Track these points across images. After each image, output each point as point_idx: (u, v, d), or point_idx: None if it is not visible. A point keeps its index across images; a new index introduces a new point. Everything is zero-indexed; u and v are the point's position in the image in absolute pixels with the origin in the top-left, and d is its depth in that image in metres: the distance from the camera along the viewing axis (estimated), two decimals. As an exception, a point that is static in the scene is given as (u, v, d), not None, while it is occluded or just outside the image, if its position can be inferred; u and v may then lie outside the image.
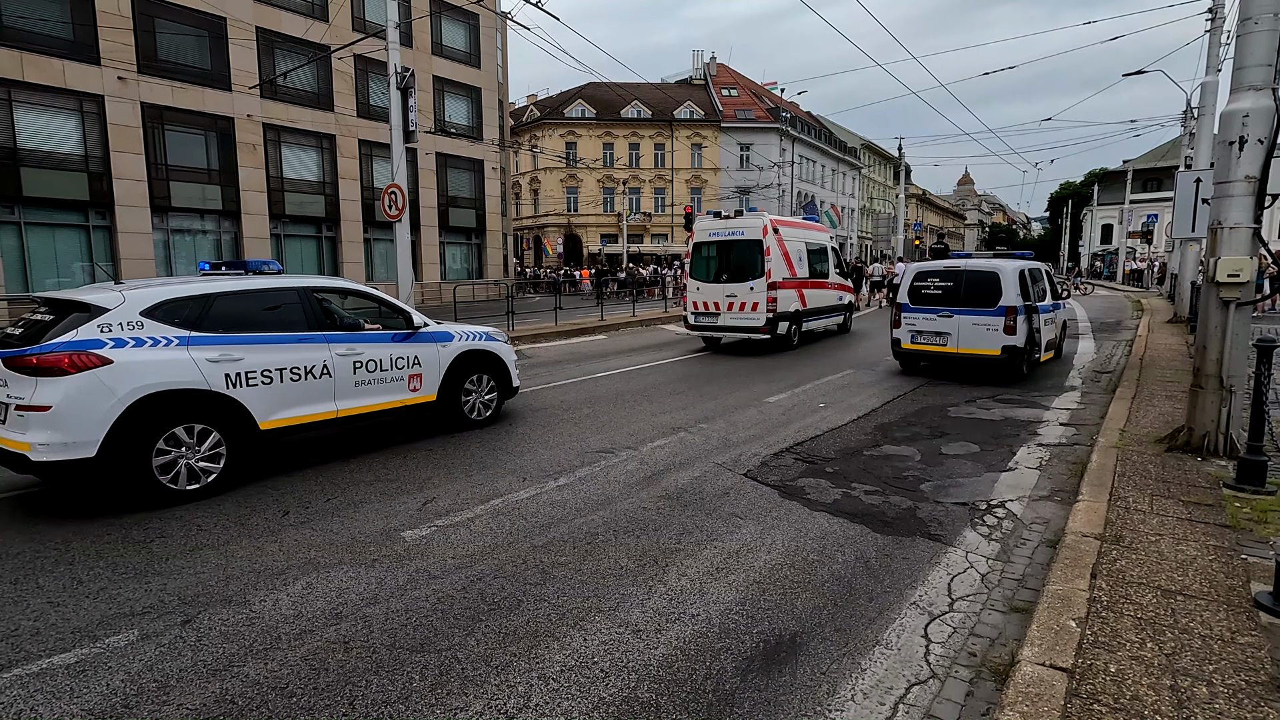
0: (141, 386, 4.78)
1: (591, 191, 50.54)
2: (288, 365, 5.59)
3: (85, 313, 4.88)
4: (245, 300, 5.56)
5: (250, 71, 24.17)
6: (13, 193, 19.75)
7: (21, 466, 4.58)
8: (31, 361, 4.56)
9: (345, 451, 6.23)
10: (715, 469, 5.66)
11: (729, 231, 13.13)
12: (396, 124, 12.67)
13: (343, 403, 5.98)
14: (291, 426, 5.63)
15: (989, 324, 9.37)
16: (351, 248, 28.02)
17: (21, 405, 4.56)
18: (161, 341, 4.98)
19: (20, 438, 4.53)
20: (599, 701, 2.67)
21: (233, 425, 5.26)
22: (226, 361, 5.23)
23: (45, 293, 5.61)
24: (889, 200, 76.37)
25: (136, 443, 4.77)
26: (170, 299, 5.18)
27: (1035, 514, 4.70)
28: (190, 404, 5.04)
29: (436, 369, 6.78)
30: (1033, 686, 2.53)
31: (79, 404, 4.57)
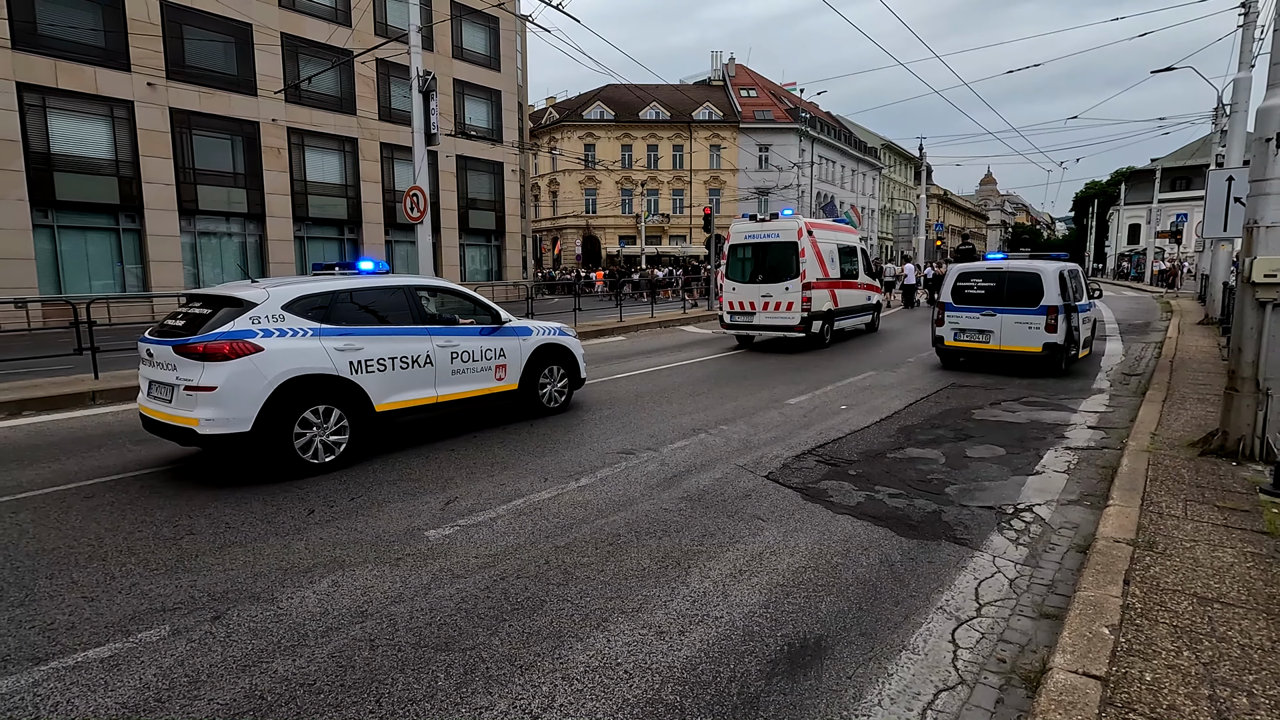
0: (286, 371, 5.46)
1: (610, 193, 50.65)
2: (398, 355, 6.25)
3: (238, 307, 5.55)
4: (364, 296, 6.27)
5: (275, 76, 24.56)
6: (46, 197, 20.26)
7: (188, 439, 5.35)
8: (199, 349, 5.26)
9: (370, 451, 6.29)
10: (736, 471, 5.64)
11: (764, 234, 13.57)
12: (418, 127, 12.79)
13: (441, 389, 6.65)
14: (401, 409, 6.31)
15: (1031, 322, 9.90)
16: (374, 249, 28.33)
17: (190, 386, 5.25)
18: (299, 332, 5.66)
19: (188, 414, 5.25)
20: (623, 703, 2.67)
21: (355, 407, 5.93)
22: (350, 350, 5.90)
23: (196, 289, 6.51)
24: (910, 201, 75.61)
25: (281, 420, 5.45)
26: (305, 295, 5.85)
27: (1064, 518, 4.61)
28: (322, 387, 5.71)
29: (518, 361, 7.42)
30: (1065, 694, 2.48)
31: (238, 385, 5.26)
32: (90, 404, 8.42)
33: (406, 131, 16.41)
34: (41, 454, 6.29)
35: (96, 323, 9.48)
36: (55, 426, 7.42)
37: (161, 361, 5.51)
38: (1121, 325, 17.52)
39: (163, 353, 5.49)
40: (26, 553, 4.08)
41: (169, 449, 6.39)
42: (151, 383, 5.66)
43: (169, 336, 5.54)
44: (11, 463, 6.00)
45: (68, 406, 8.24)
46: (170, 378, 5.41)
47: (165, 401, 5.48)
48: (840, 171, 60.59)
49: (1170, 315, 19.04)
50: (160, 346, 5.51)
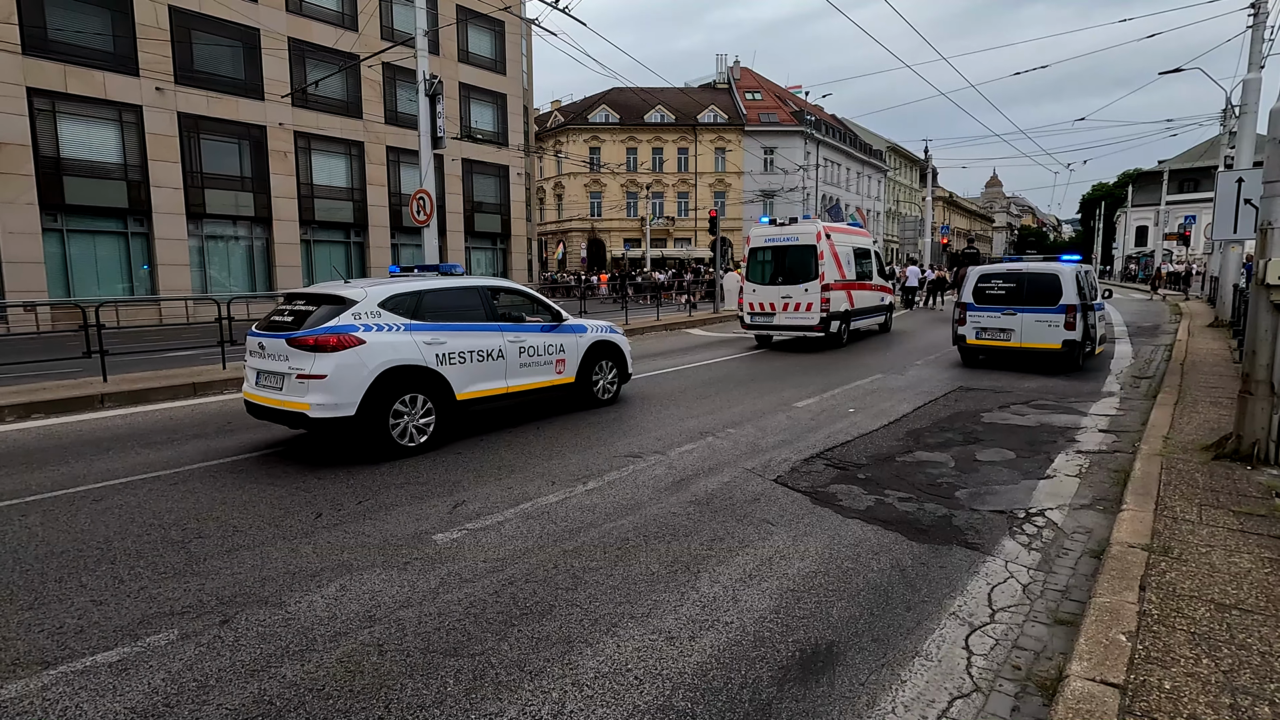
0: (384, 361, 6.05)
1: (615, 196, 50.70)
2: (475, 349, 6.87)
3: (341, 305, 6.13)
4: (445, 296, 6.87)
5: (282, 81, 24.69)
6: (56, 201, 20.41)
7: (299, 423, 5.93)
8: (310, 341, 5.85)
9: (373, 455, 6.28)
10: (745, 474, 5.61)
11: (784, 238, 14.02)
12: (424, 130, 12.82)
13: (511, 380, 7.26)
14: (477, 398, 6.90)
15: (1050, 320, 10.43)
16: (379, 253, 28.43)
17: (302, 374, 5.81)
18: (394, 328, 6.26)
19: (300, 400, 5.81)
20: (634, 709, 2.64)
21: (440, 395, 6.52)
22: (436, 344, 6.49)
23: (298, 289, 7.15)
24: (915, 203, 75.46)
25: (380, 406, 6.03)
26: (397, 294, 6.44)
27: (1077, 523, 4.57)
28: (413, 377, 6.29)
29: (576, 355, 8.01)
30: (1083, 703, 2.44)
31: (344, 374, 5.83)
32: (99, 407, 8.44)
33: (412, 135, 16.44)
34: (50, 457, 6.30)
35: (105, 326, 9.51)
36: (64, 429, 7.44)
37: (274, 353, 6.07)
38: (1130, 328, 17.41)
39: (275, 345, 6.04)
40: (35, 556, 4.08)
41: (175, 453, 6.40)
42: (260, 373, 6.24)
43: (279, 331, 6.10)
44: (20, 465, 6.02)
45: (76, 410, 8.26)
46: (283, 367, 5.97)
47: (276, 389, 6.05)
48: (845, 174, 60.52)
49: (1180, 318, 18.92)
50: (273, 339, 6.07)
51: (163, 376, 9.77)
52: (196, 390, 9.33)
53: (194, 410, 8.39)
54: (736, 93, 54.52)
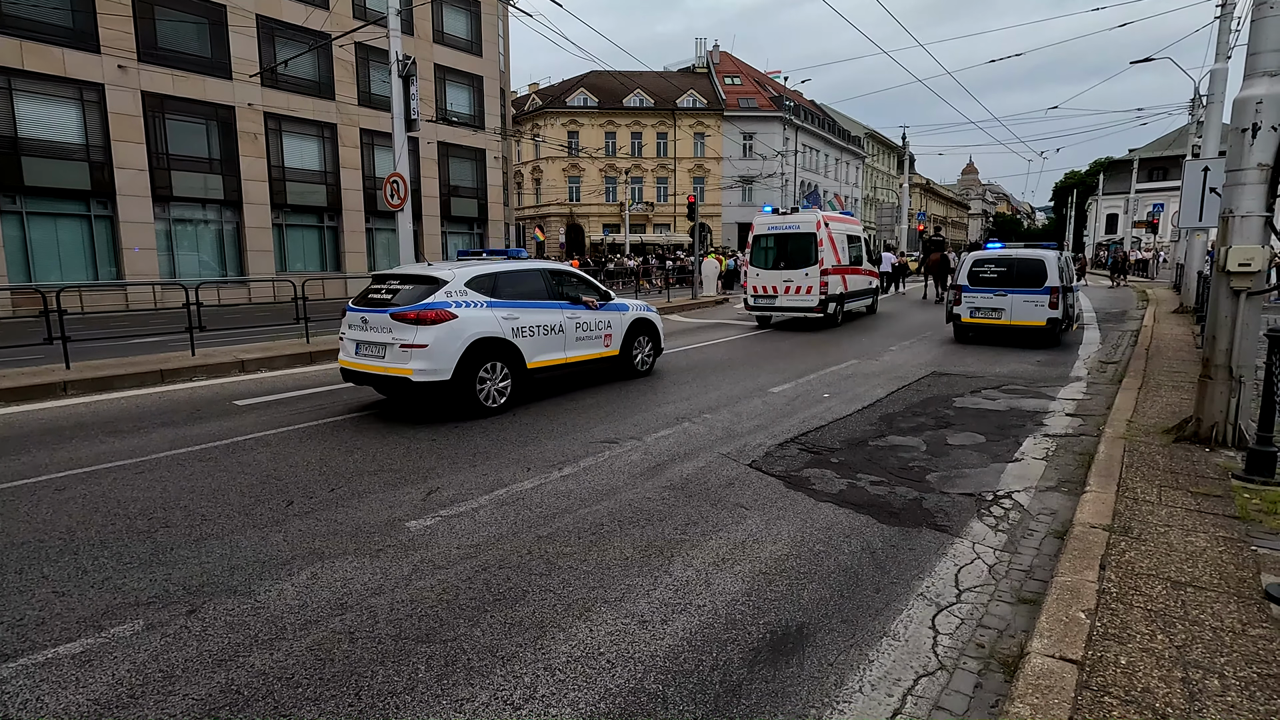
0: (473, 333, 6.99)
1: (594, 181, 50.32)
2: (542, 324, 7.81)
3: (435, 284, 7.02)
4: (516, 277, 7.78)
5: (251, 60, 24.06)
6: (14, 182, 19.75)
7: (401, 387, 6.85)
8: (412, 316, 6.74)
9: (348, 440, 6.22)
10: (720, 459, 5.64)
11: (786, 225, 15.14)
12: (398, 113, 12.58)
13: (569, 352, 8.22)
14: (543, 367, 7.86)
15: (1037, 301, 11.82)
16: (353, 237, 27.99)
17: (405, 344, 6.70)
18: (478, 304, 7.18)
19: (403, 366, 6.72)
20: (605, 692, 2.66)
21: (514, 364, 7.47)
22: (511, 319, 7.44)
23: (392, 270, 7.95)
24: (892, 190, 75.97)
25: (469, 371, 6.96)
26: (479, 274, 7.38)
27: (1042, 505, 4.67)
28: (494, 348, 7.23)
29: (620, 330, 9.00)
30: (1043, 678, 2.51)
31: (442, 344, 6.75)
32: (62, 394, 8.23)
33: (386, 117, 16.15)
34: (10, 446, 6.14)
35: (68, 311, 9.25)
36: (25, 417, 7.25)
37: (377, 326, 6.92)
38: (1099, 314, 17.76)
39: (379, 319, 6.90)
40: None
41: (142, 441, 6.27)
42: (359, 343, 7.12)
43: (380, 307, 6.98)
44: (-21, 455, 5.86)
45: (38, 397, 8.05)
46: (386, 338, 6.84)
47: (378, 358, 6.94)
48: (824, 160, 60.68)
49: (1146, 304, 19.34)
50: (377, 314, 6.94)
51: (128, 363, 9.54)
52: (164, 377, 9.13)
53: (161, 398, 8.22)
54: (716, 77, 54.25)
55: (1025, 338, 12.19)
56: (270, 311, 18.27)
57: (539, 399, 7.94)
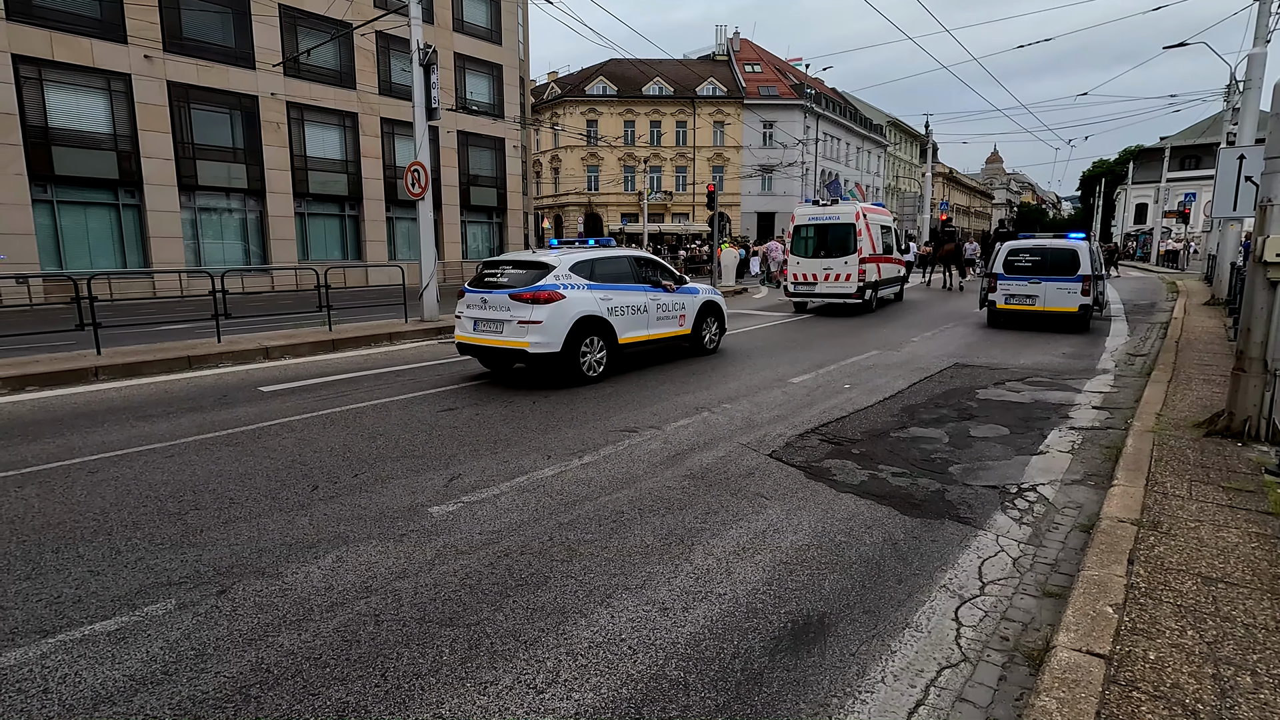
0: (578, 312, 8.01)
1: (612, 170, 50.19)
2: (630, 304, 8.83)
3: (545, 269, 8.02)
4: (608, 263, 8.79)
5: (274, 49, 24.23)
6: (45, 171, 20.13)
7: (518, 358, 8.04)
8: (529, 296, 7.79)
9: (370, 426, 6.29)
10: (740, 449, 5.63)
11: (827, 216, 15.99)
12: (419, 101, 12.62)
13: (651, 330, 9.21)
14: (631, 343, 8.88)
15: (1070, 288, 12.42)
16: (374, 226, 28.19)
17: (522, 321, 7.76)
18: (580, 287, 8.18)
19: (521, 339, 7.76)
20: (627, 678, 2.68)
21: (609, 339, 8.48)
22: (606, 300, 8.44)
23: (506, 256, 8.95)
24: (914, 179, 74.91)
25: (574, 345, 7.98)
26: (580, 260, 8.39)
27: (1068, 498, 4.61)
28: (593, 325, 8.23)
29: (692, 312, 9.93)
30: (1069, 672, 2.48)
31: (554, 320, 7.79)
32: (93, 379, 8.42)
33: (407, 106, 16.21)
34: (45, 429, 6.30)
35: (98, 299, 9.44)
36: (59, 402, 7.42)
37: (496, 305, 7.98)
38: (1127, 305, 17.42)
39: (498, 299, 7.97)
40: (33, 527, 4.09)
41: (171, 426, 6.40)
42: (477, 321, 8.18)
43: (501, 288, 8.03)
44: (16, 437, 6.02)
45: (70, 382, 8.24)
46: (504, 315, 7.89)
47: (496, 333, 8.01)
48: (845, 149, 59.95)
49: (1176, 295, 18.92)
50: (495, 295, 8.02)
51: (157, 350, 9.73)
52: (191, 364, 9.30)
53: (189, 383, 8.37)
54: (736, 65, 53.71)
55: (1058, 323, 12.76)
56: (293, 299, 18.53)
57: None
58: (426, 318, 13.19)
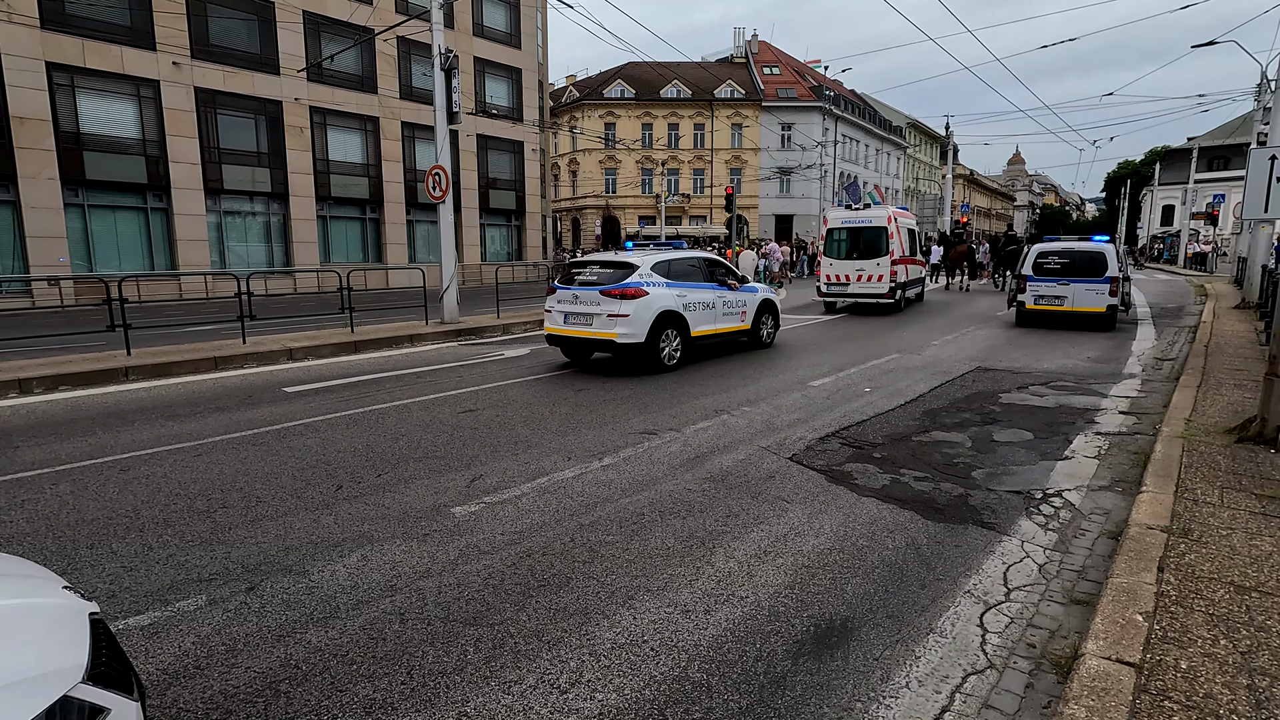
0: (659, 307, 8.96)
1: (630, 173, 50.30)
2: (701, 301, 9.76)
3: (630, 269, 8.98)
4: (682, 263, 9.72)
5: (297, 55, 24.61)
6: (77, 176, 20.59)
7: (606, 347, 9.04)
8: (617, 293, 8.76)
9: (392, 427, 6.36)
10: (759, 452, 5.62)
11: (859, 220, 16.79)
12: (440, 105, 12.75)
13: (717, 325, 10.12)
14: (701, 336, 9.82)
15: (1097, 289, 12.98)
16: (394, 229, 28.49)
17: (612, 314, 8.74)
18: (660, 284, 9.10)
19: (609, 331, 8.78)
20: (650, 679, 2.69)
21: (683, 331, 9.39)
22: (682, 296, 9.37)
23: (593, 257, 9.99)
24: (935, 180, 74.22)
25: (656, 336, 8.92)
26: (659, 261, 9.34)
27: (1095, 504, 4.54)
28: (671, 318, 9.16)
29: (752, 309, 10.84)
30: (1098, 680, 2.45)
31: (639, 314, 8.75)
32: (123, 379, 8.60)
33: (428, 110, 16.37)
34: (78, 428, 6.44)
35: (127, 300, 9.64)
36: (90, 401, 7.59)
37: (587, 300, 8.95)
38: (1154, 309, 17.11)
39: (589, 295, 8.93)
40: (68, 523, 4.19)
41: (199, 425, 6.52)
42: (567, 314, 9.16)
43: (591, 285, 8.99)
44: (50, 435, 6.17)
45: (102, 382, 8.42)
46: (594, 310, 8.87)
47: (585, 325, 9.00)
48: (864, 151, 59.55)
49: (1205, 299, 18.55)
50: (588, 291, 8.96)
51: (184, 350, 9.91)
52: (218, 364, 9.46)
53: (216, 383, 8.52)
54: (754, 67, 53.61)
55: (1086, 322, 13.29)
56: (315, 301, 18.77)
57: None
58: (447, 320, 13.30)
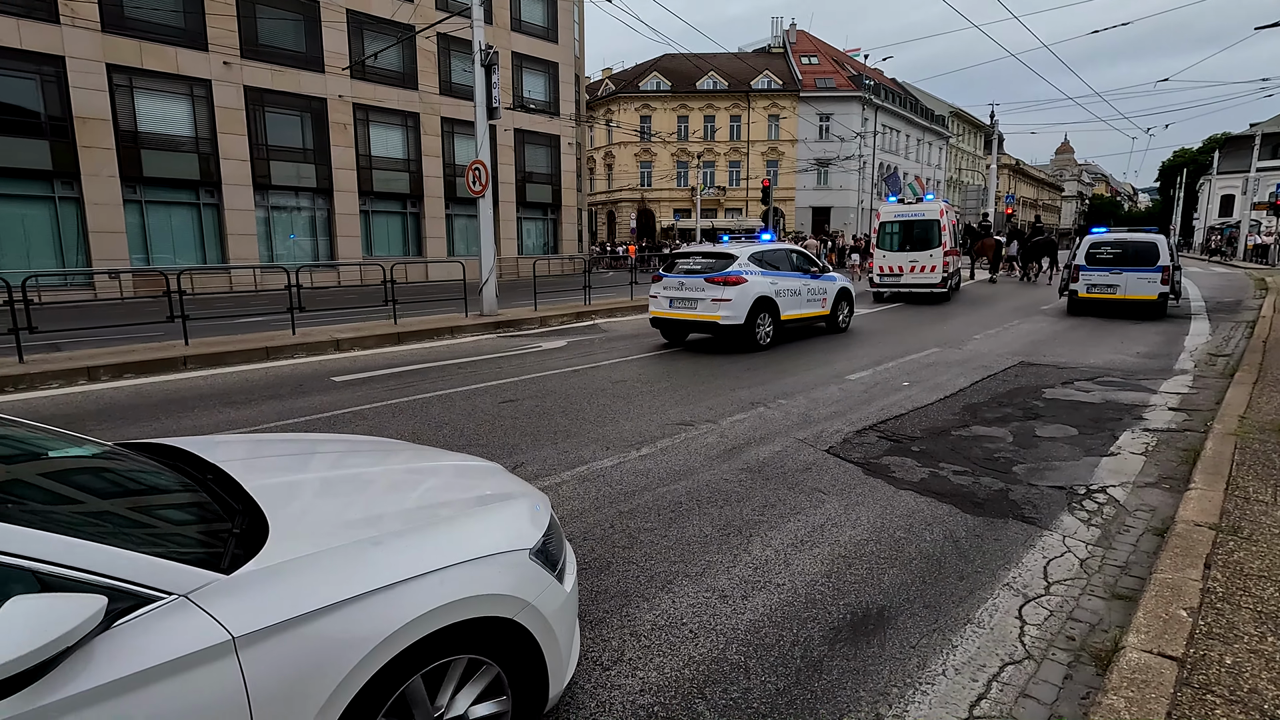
0: (756, 292, 10.05)
1: (665, 165, 50.20)
2: (790, 288, 10.79)
3: (731, 259, 10.05)
4: (773, 253, 10.89)
5: (341, 53, 25.19)
6: (135, 173, 21.46)
7: (709, 329, 10.20)
8: (720, 280, 9.82)
9: (436, 416, 6.56)
10: (796, 444, 5.65)
11: (912, 213, 17.45)
12: (480, 101, 12.96)
13: (803, 310, 11.13)
14: (789, 320, 10.82)
15: (1150, 278, 13.46)
16: (434, 223, 29.00)
17: (715, 299, 9.82)
18: (755, 272, 10.14)
19: (713, 314, 9.88)
20: (689, 660, 2.78)
21: (774, 315, 10.46)
22: (774, 284, 10.43)
23: (696, 248, 11.43)
24: (979, 171, 72.33)
25: (753, 318, 10.01)
26: (755, 252, 10.46)
27: (1140, 500, 4.47)
28: (765, 303, 10.22)
29: (832, 295, 11.82)
30: (1139, 673, 2.45)
31: (740, 299, 9.84)
32: (182, 368, 9.00)
33: (467, 106, 16.63)
34: (143, 413, 6.80)
35: (185, 292, 10.08)
36: (152, 388, 7.98)
37: (692, 287, 10.04)
38: (1209, 303, 16.49)
39: (695, 282, 10.02)
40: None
41: (254, 412, 6.81)
42: (673, 299, 10.29)
43: (694, 274, 10.09)
44: (118, 420, 6.52)
45: (162, 370, 8.84)
46: (699, 295, 9.96)
47: (690, 309, 10.12)
48: (905, 141, 58.36)
49: (1265, 292, 17.79)
50: (692, 279, 10.05)
51: (238, 341, 10.32)
52: (269, 354, 9.83)
53: (268, 373, 8.87)
54: (792, 57, 52.90)
55: (1138, 310, 13.74)
56: (358, 294, 19.26)
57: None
58: (486, 312, 13.55)
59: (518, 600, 2.02)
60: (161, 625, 1.44)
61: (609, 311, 15.39)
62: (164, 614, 1.46)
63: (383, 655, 1.69)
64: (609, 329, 13.07)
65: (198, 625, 1.47)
